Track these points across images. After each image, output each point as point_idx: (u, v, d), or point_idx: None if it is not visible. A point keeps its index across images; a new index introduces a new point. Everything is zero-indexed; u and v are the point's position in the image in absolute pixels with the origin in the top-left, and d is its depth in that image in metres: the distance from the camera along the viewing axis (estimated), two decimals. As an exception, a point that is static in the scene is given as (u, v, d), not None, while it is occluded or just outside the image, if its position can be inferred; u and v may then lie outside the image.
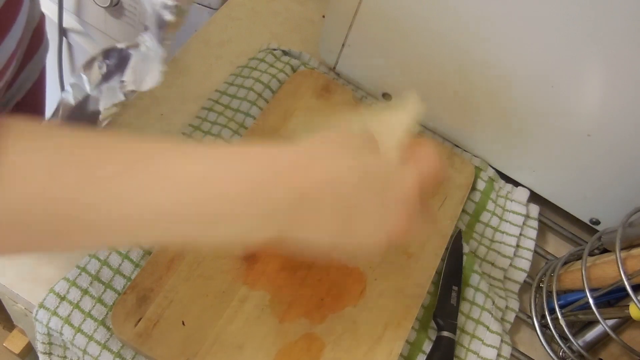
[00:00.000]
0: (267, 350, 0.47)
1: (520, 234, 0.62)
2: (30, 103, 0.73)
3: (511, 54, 0.54)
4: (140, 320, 0.46)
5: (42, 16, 0.71)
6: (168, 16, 0.39)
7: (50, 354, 0.52)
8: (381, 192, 0.37)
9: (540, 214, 0.64)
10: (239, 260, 0.51)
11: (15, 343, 0.70)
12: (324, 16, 0.74)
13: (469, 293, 0.57)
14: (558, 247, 0.66)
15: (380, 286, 0.53)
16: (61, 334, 0.48)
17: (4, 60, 0.54)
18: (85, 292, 0.49)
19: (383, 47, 0.62)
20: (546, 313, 0.56)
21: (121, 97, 0.42)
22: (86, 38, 1.08)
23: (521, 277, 0.61)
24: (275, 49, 0.67)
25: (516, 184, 0.66)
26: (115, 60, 0.42)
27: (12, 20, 0.53)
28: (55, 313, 0.48)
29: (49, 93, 0.77)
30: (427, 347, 0.54)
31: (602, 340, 0.54)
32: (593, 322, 0.55)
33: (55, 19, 0.93)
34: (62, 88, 0.98)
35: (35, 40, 0.68)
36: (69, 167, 0.29)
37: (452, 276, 0.57)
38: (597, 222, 0.63)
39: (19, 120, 0.29)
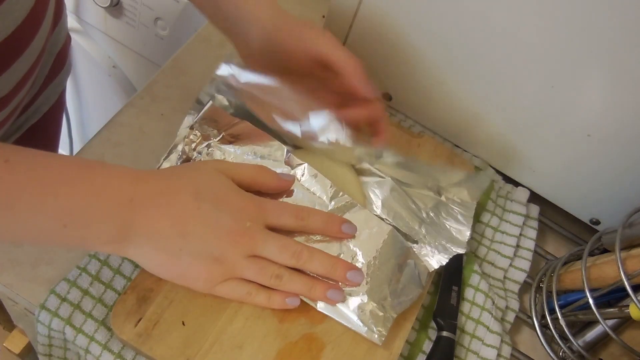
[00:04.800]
0: (267, 350, 0.47)
1: (520, 234, 0.62)
2: (45, 127, 0.71)
3: (511, 54, 0.54)
4: (140, 320, 0.46)
5: (68, 39, 0.68)
6: None
7: (50, 355, 0.52)
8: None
9: (540, 214, 0.64)
10: None
11: (15, 343, 0.69)
12: (324, 16, 0.73)
13: (469, 293, 0.57)
14: (558, 247, 0.66)
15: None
16: (64, 333, 0.48)
17: (12, 83, 0.53)
18: (85, 292, 0.49)
19: (383, 47, 0.62)
20: (546, 313, 0.56)
21: None
22: (86, 38, 1.08)
23: (521, 277, 0.61)
24: None
25: (516, 184, 0.66)
26: None
27: (26, 44, 0.51)
28: (56, 314, 0.48)
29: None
30: (427, 347, 0.54)
31: (602, 340, 0.54)
32: (593, 322, 0.55)
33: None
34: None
35: (57, 64, 0.67)
36: None
37: (452, 276, 0.57)
38: (597, 222, 0.63)
39: None
